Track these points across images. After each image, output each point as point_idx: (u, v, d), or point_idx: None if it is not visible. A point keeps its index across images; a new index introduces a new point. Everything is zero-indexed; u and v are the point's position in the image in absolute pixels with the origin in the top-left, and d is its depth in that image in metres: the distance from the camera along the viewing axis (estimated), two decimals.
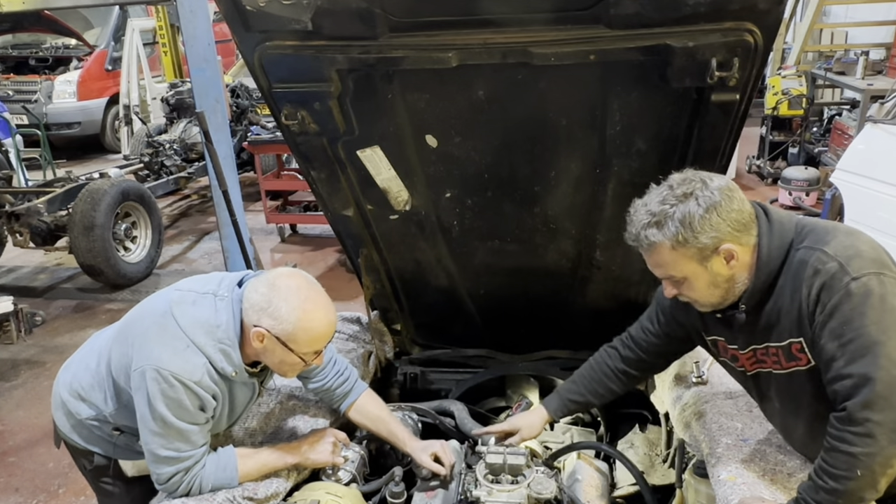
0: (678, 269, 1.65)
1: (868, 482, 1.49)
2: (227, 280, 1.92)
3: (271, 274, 1.86)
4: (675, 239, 1.59)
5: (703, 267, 1.62)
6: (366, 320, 2.91)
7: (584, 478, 2.24)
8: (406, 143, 2.18)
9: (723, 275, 1.64)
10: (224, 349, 1.81)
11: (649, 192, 1.68)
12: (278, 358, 1.85)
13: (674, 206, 1.59)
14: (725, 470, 1.88)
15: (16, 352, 4.97)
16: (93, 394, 1.96)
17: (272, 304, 1.78)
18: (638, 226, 1.65)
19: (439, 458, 2.19)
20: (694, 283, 1.67)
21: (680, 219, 1.58)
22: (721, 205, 1.58)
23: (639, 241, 1.66)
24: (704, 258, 1.61)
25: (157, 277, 6.37)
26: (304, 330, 1.80)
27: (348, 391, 2.25)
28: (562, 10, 1.71)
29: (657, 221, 1.61)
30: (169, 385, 1.74)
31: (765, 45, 1.71)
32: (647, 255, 1.69)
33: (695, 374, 2.35)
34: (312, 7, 1.75)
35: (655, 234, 1.61)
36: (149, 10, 10.41)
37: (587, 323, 2.78)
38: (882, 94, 6.69)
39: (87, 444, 2.05)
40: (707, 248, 1.59)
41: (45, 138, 7.42)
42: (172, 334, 1.79)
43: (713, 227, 1.58)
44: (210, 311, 1.82)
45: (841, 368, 1.51)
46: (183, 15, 5.03)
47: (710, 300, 1.71)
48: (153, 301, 1.93)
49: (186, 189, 8.58)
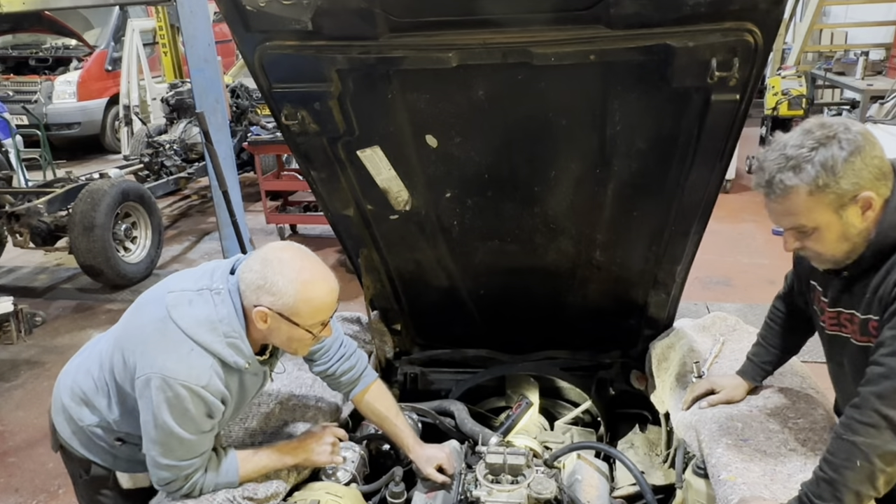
0: (811, 218, 1.55)
1: (866, 475, 1.48)
2: (218, 271, 1.86)
3: (262, 250, 1.81)
4: (814, 183, 1.49)
5: (837, 216, 1.53)
6: (366, 320, 2.91)
7: (584, 478, 2.24)
8: (406, 143, 2.18)
9: (856, 226, 1.55)
10: (232, 342, 1.77)
11: (776, 139, 1.58)
12: (285, 335, 1.80)
13: (814, 148, 1.49)
14: (725, 470, 1.88)
15: (16, 352, 4.97)
16: (97, 399, 1.92)
17: (267, 279, 1.73)
18: (772, 169, 1.54)
19: (443, 469, 2.18)
20: (824, 235, 1.57)
21: (821, 162, 1.48)
22: (864, 149, 1.49)
23: (772, 187, 1.55)
24: (842, 206, 1.52)
25: (156, 278, 6.35)
26: (305, 301, 1.74)
27: (355, 379, 2.19)
28: (562, 10, 1.71)
29: (795, 165, 1.50)
30: (174, 393, 1.70)
31: (765, 45, 1.71)
32: (777, 203, 1.57)
33: (695, 374, 2.35)
34: (312, 7, 1.75)
35: (792, 178, 1.51)
36: (149, 11, 10.41)
37: (587, 323, 2.79)
38: (882, 94, 6.70)
39: (87, 452, 2.00)
40: (846, 195, 1.50)
41: (45, 138, 7.42)
42: (175, 339, 1.74)
43: (855, 173, 1.48)
44: (209, 308, 1.77)
45: (882, 356, 1.50)
46: (183, 15, 5.04)
47: (836, 254, 1.61)
48: (148, 307, 1.85)
49: (186, 189, 8.57)
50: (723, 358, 2.45)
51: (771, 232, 6.66)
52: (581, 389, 2.86)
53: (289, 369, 2.50)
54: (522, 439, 2.49)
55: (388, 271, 2.72)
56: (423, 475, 2.19)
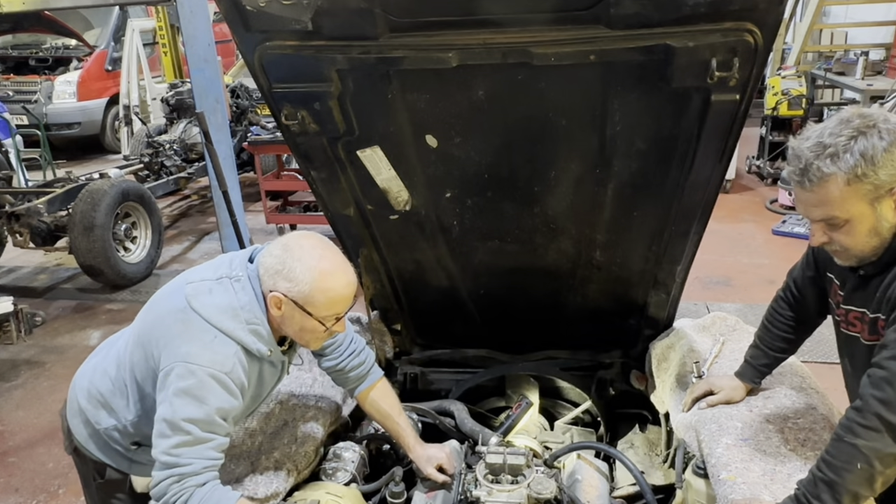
0: (844, 209, 1.51)
1: (866, 478, 1.49)
2: (237, 259, 1.85)
3: (285, 237, 1.81)
4: (853, 172, 1.45)
5: (871, 208, 1.50)
6: (366, 320, 2.92)
7: (584, 478, 2.24)
8: (406, 143, 2.18)
9: (889, 220, 1.52)
10: (254, 329, 1.75)
11: (809, 128, 1.55)
12: (298, 325, 1.77)
13: (853, 137, 1.46)
14: (725, 470, 1.88)
15: (16, 352, 4.97)
16: (114, 400, 1.89)
17: (286, 265, 1.71)
18: (808, 157, 1.50)
19: (443, 469, 2.18)
20: (856, 227, 1.54)
21: (861, 150, 1.45)
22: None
23: (807, 175, 1.50)
24: (877, 198, 1.49)
25: (157, 278, 6.37)
26: (322, 291, 1.72)
27: (363, 375, 2.18)
28: (562, 10, 1.71)
29: (833, 153, 1.47)
30: (197, 380, 1.67)
31: (765, 45, 1.71)
32: (811, 191, 1.52)
33: (695, 374, 2.35)
34: (312, 7, 1.75)
35: (829, 166, 1.47)
36: (149, 11, 10.42)
37: (587, 323, 2.79)
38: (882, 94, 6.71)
39: (103, 455, 1.97)
40: (883, 187, 1.48)
41: (45, 138, 7.43)
42: (198, 328, 1.71)
43: (894, 164, 1.46)
44: (230, 295, 1.75)
45: (885, 359, 1.50)
46: (183, 15, 5.05)
47: (865, 249, 1.58)
48: (168, 299, 1.83)
49: (186, 189, 8.57)
50: (723, 358, 2.45)
51: (771, 232, 6.67)
52: (581, 389, 2.87)
53: (290, 369, 2.50)
54: (522, 439, 2.49)
55: (388, 271, 2.73)
56: (424, 475, 2.19)
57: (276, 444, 2.18)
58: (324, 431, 2.32)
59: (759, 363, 2.16)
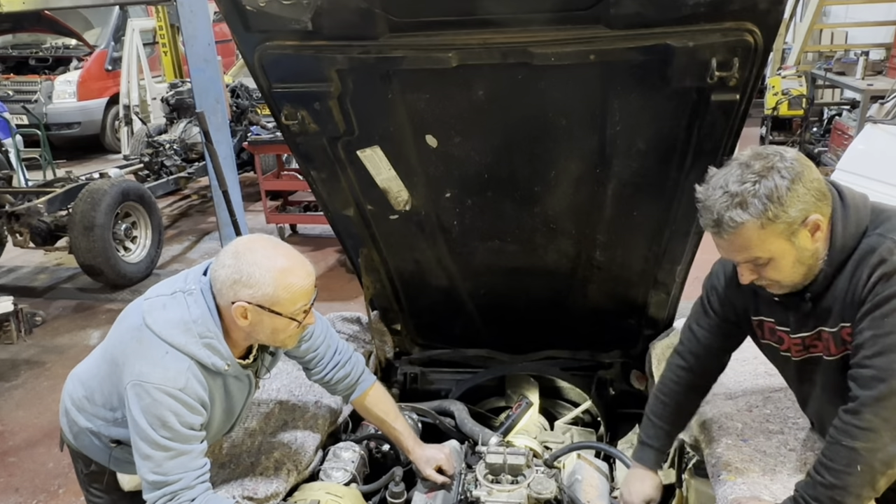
0: (765, 250, 1.56)
1: (867, 479, 1.49)
2: (191, 274, 1.82)
3: (231, 245, 1.76)
4: (764, 216, 1.50)
5: (790, 243, 1.55)
6: (366, 320, 2.92)
7: (584, 478, 2.24)
8: (406, 143, 2.18)
9: (809, 249, 1.56)
10: (208, 343, 1.73)
11: (713, 175, 1.59)
12: (269, 328, 1.74)
13: (756, 182, 1.50)
14: (725, 470, 1.88)
15: (16, 352, 4.97)
16: (90, 406, 1.92)
17: (242, 272, 1.68)
18: (719, 209, 1.54)
19: (443, 470, 2.18)
20: (780, 263, 1.58)
21: (766, 194, 1.49)
22: (804, 174, 1.51)
23: (721, 226, 1.55)
24: (793, 233, 1.54)
25: (156, 278, 6.35)
26: (285, 288, 1.70)
27: (352, 385, 2.17)
28: (562, 10, 1.71)
29: (741, 201, 1.51)
30: (151, 399, 1.66)
31: (765, 45, 1.71)
32: (728, 240, 1.58)
33: None
34: (312, 7, 1.75)
35: (741, 215, 1.51)
36: (149, 10, 10.41)
37: (587, 323, 2.79)
38: (882, 94, 6.70)
39: (86, 451, 2.01)
40: (795, 222, 1.52)
41: (45, 138, 7.42)
42: (149, 344, 1.70)
43: (800, 199, 1.50)
44: (182, 309, 1.73)
45: (866, 358, 1.50)
46: (183, 15, 5.05)
47: (794, 279, 1.62)
48: (128, 317, 1.83)
49: (186, 189, 8.58)
50: None
51: None
52: (581, 389, 2.87)
53: (288, 369, 2.51)
54: (522, 439, 2.49)
55: (388, 271, 2.73)
56: (423, 476, 2.19)
57: (276, 444, 2.18)
58: (323, 431, 2.32)
59: (662, 444, 2.04)
